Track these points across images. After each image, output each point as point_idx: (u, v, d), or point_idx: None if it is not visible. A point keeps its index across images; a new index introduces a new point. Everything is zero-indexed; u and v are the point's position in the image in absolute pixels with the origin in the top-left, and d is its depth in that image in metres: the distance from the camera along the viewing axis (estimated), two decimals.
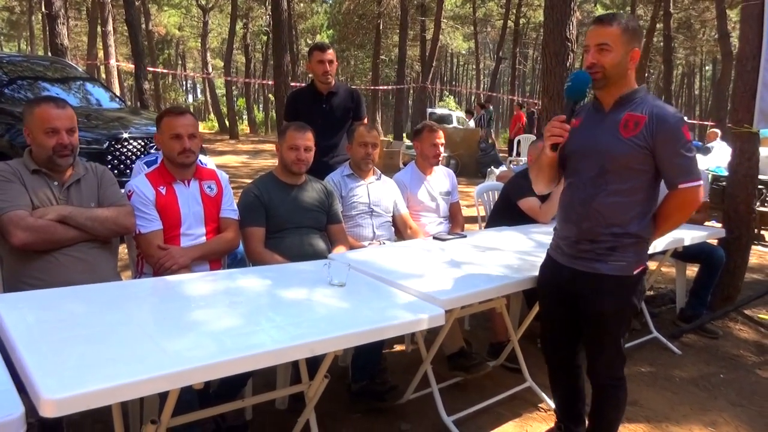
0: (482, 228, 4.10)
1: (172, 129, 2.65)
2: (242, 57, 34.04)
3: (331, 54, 3.98)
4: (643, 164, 2.08)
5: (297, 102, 4.11)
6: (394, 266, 2.57)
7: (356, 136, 3.49)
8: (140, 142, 5.61)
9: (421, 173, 3.81)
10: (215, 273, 2.55)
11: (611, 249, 2.17)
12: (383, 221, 3.50)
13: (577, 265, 2.25)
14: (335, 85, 4.06)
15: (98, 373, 1.42)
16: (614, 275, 2.17)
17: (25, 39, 36.16)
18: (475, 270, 2.59)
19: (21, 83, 6.58)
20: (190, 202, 2.71)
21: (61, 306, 1.88)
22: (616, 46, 2.08)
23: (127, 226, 2.51)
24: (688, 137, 2.06)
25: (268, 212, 2.95)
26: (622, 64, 2.10)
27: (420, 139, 3.80)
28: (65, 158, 2.42)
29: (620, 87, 2.14)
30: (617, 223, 2.14)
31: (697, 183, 2.06)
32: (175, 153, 2.65)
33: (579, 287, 2.26)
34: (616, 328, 2.25)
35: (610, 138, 2.12)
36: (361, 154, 3.46)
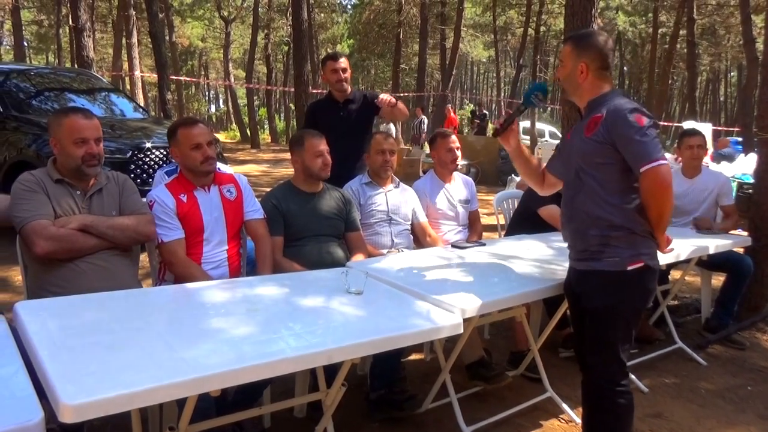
0: (502, 236, 4.08)
1: (191, 139, 2.68)
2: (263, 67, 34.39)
3: (343, 62, 4.01)
4: (607, 158, 2.18)
5: (315, 113, 4.13)
6: (413, 274, 2.57)
7: (373, 143, 3.50)
8: (162, 151, 5.69)
9: (440, 181, 3.80)
10: (234, 281, 2.57)
11: (603, 245, 2.23)
12: (402, 229, 3.50)
13: (578, 266, 2.34)
14: (352, 93, 4.07)
15: (117, 379, 1.43)
16: (607, 270, 2.22)
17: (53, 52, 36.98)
18: (495, 278, 2.58)
19: (48, 95, 6.73)
20: (211, 207, 2.74)
21: (82, 313, 1.91)
22: (566, 61, 2.32)
23: (147, 234, 2.54)
24: (641, 123, 2.12)
25: (287, 221, 2.97)
26: (572, 76, 2.31)
27: (435, 147, 3.79)
28: (93, 167, 2.46)
29: (583, 94, 2.32)
30: (599, 217, 2.22)
31: (657, 163, 2.08)
32: (198, 163, 2.68)
33: (580, 287, 2.33)
34: (613, 329, 2.22)
35: (578, 141, 2.29)
36: (379, 161, 3.47)
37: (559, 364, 3.52)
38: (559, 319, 3.06)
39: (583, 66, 2.28)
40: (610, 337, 2.23)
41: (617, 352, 2.24)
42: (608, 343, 2.24)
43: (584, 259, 2.30)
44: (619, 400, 2.25)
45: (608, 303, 2.22)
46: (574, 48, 2.30)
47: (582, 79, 2.29)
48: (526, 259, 2.97)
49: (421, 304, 2.16)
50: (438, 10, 24.87)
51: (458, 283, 2.45)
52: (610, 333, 2.23)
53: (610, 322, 2.23)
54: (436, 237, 3.60)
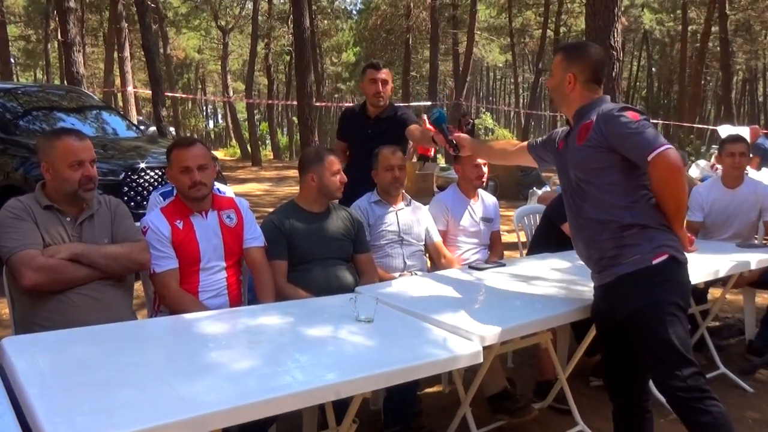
0: (523, 255, 4.06)
1: (181, 162, 2.71)
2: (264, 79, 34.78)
3: (385, 73, 3.94)
4: (603, 162, 2.25)
5: (346, 121, 4.19)
6: (427, 299, 2.56)
7: (380, 159, 3.50)
8: (157, 172, 5.74)
9: (464, 197, 3.81)
10: (234, 310, 2.58)
11: (619, 247, 2.26)
12: (414, 250, 3.50)
13: (603, 280, 2.35)
14: (386, 110, 3.97)
15: (111, 419, 1.44)
16: (632, 271, 2.24)
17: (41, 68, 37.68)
18: (516, 301, 2.57)
19: (36, 114, 6.84)
20: (208, 235, 2.76)
21: (73, 348, 1.93)
22: (555, 72, 2.44)
23: (141, 262, 2.56)
24: (634, 117, 2.19)
25: (291, 244, 2.98)
26: (560, 86, 2.42)
27: (460, 162, 3.79)
28: (90, 191, 2.51)
29: (570, 105, 2.41)
30: (608, 220, 2.27)
31: (662, 148, 2.12)
32: (186, 187, 2.70)
33: (610, 300, 2.33)
34: (659, 325, 2.18)
35: (572, 151, 2.38)
36: (387, 179, 3.48)
37: (590, 393, 3.48)
38: (588, 344, 3.02)
39: (571, 77, 2.37)
40: (659, 332, 2.16)
41: (680, 351, 2.15)
42: (661, 340, 2.16)
43: (604, 268, 2.32)
44: (712, 408, 2.11)
45: (645, 303, 2.20)
46: (564, 58, 2.42)
47: (569, 89, 2.39)
48: (550, 279, 2.95)
49: (437, 332, 2.15)
50: (449, 13, 25.09)
51: (477, 308, 2.44)
52: (657, 329, 2.17)
53: (654, 319, 2.18)
54: (452, 258, 3.60)
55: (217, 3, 28.03)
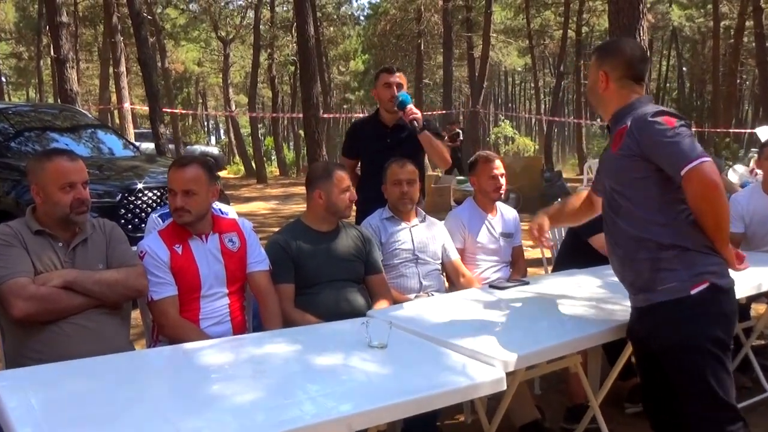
0: (548, 272, 4.03)
1: (169, 183, 2.75)
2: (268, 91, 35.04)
3: (399, 77, 3.94)
4: (637, 172, 2.20)
5: (358, 135, 4.13)
6: (445, 322, 2.55)
7: (388, 174, 3.51)
8: (156, 192, 5.79)
9: (481, 211, 3.80)
10: (238, 338, 2.58)
11: (655, 270, 2.20)
12: (431, 269, 3.49)
13: (637, 303, 2.31)
14: (401, 119, 3.94)
15: None
16: (667, 301, 2.18)
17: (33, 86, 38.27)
18: (542, 322, 2.55)
19: (28, 135, 6.94)
20: (209, 260, 2.77)
21: (67, 382, 1.93)
22: (591, 72, 2.45)
23: (138, 288, 2.57)
24: (670, 124, 2.14)
25: (298, 265, 2.98)
26: (594, 87, 2.42)
27: (476, 173, 3.78)
28: (83, 215, 2.53)
29: (606, 107, 2.39)
30: (645, 238, 2.22)
31: (699, 161, 2.06)
32: (171, 210, 2.74)
33: (642, 327, 2.30)
34: (695, 366, 2.15)
35: (607, 159, 2.37)
36: (395, 194, 3.48)
37: (626, 421, 3.43)
38: (622, 367, 2.99)
39: (603, 75, 2.36)
40: (700, 377, 2.14)
41: (716, 393, 2.13)
42: (701, 386, 2.14)
43: (639, 291, 2.29)
44: None
45: (681, 339, 2.16)
46: (597, 57, 2.42)
47: (602, 89, 2.37)
48: (578, 298, 2.93)
49: (456, 358, 2.14)
50: (463, 15, 25.21)
51: (499, 331, 2.42)
52: (696, 373, 2.15)
53: (691, 360, 2.15)
54: (471, 277, 3.58)
55: (217, 13, 28.38)
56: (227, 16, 29.60)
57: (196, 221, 2.75)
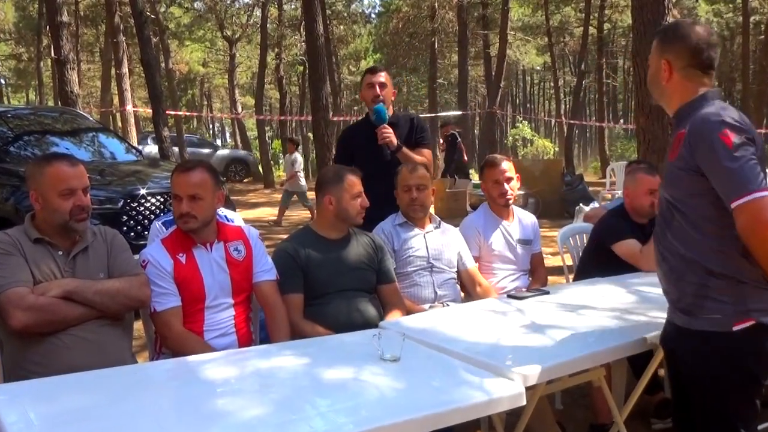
0: (570, 281, 4.01)
1: (173, 188, 2.75)
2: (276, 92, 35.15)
3: (382, 76, 3.99)
4: (693, 187, 2.06)
5: (350, 140, 4.16)
6: (461, 334, 2.54)
7: (399, 179, 3.52)
8: (159, 198, 5.83)
9: (496, 217, 3.79)
10: (245, 351, 2.59)
11: (701, 297, 2.10)
12: (446, 278, 3.48)
13: (674, 318, 2.23)
14: (394, 115, 4.05)
15: None
16: (708, 331, 2.08)
17: (33, 88, 38.66)
18: (563, 334, 2.53)
19: (28, 139, 7.01)
20: (214, 269, 2.77)
21: (67, 396, 1.94)
22: (651, 60, 2.28)
23: (141, 298, 2.58)
24: (729, 142, 1.96)
25: (307, 275, 2.98)
26: (655, 77, 2.26)
27: (483, 178, 3.79)
28: (83, 222, 2.54)
29: (669, 100, 2.25)
30: (694, 260, 2.10)
31: (755, 195, 1.91)
32: (176, 216, 2.74)
33: (677, 346, 2.23)
34: (725, 403, 2.11)
35: (666, 163, 2.21)
36: (405, 200, 3.48)
37: None
38: (648, 381, 2.97)
39: (666, 64, 2.20)
40: (723, 411, 2.12)
41: (737, 428, 2.12)
42: (723, 419, 2.12)
43: (679, 310, 2.19)
44: None
45: (712, 372, 2.11)
46: (658, 43, 2.26)
47: (665, 79, 2.21)
48: (601, 308, 2.91)
49: (473, 371, 2.13)
50: (479, 12, 25.24)
51: (518, 343, 2.42)
52: (720, 407, 2.12)
53: (719, 394, 2.12)
54: (489, 286, 3.57)
55: (223, 11, 28.55)
56: (233, 14, 29.75)
57: (202, 228, 2.75)
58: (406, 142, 3.93)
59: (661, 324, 2.49)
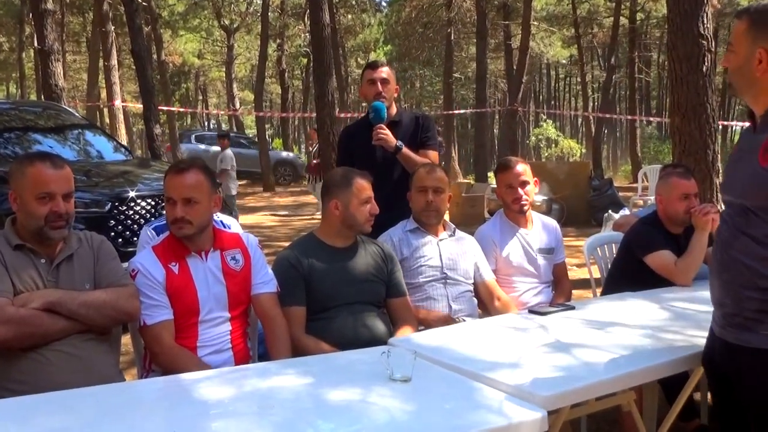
0: (597, 295, 4.01)
1: (167, 190, 2.75)
2: (277, 87, 35.32)
3: (384, 71, 4.02)
4: None
5: (350, 140, 4.19)
6: (478, 352, 2.54)
7: (414, 179, 3.53)
8: (150, 201, 5.86)
9: (512, 224, 3.78)
10: (242, 369, 2.59)
11: (763, 312, 2.08)
12: (462, 291, 3.48)
13: (726, 336, 2.20)
14: (397, 113, 4.09)
15: None
16: (766, 349, 2.07)
17: (15, 81, 38.94)
18: (589, 353, 2.52)
19: (8, 136, 7.06)
20: (209, 280, 2.78)
21: (49, 417, 1.94)
22: (738, 46, 2.13)
23: (129, 311, 2.59)
24: None
25: (310, 286, 2.99)
26: (746, 67, 2.13)
27: (497, 183, 3.80)
28: (59, 230, 2.53)
29: (759, 94, 2.14)
30: (763, 275, 2.06)
31: None
32: (169, 222, 2.75)
33: (729, 365, 2.20)
34: None
35: (748, 166, 2.12)
36: (420, 203, 3.48)
37: None
38: (683, 406, 2.96)
39: (763, 54, 2.09)
40: None
41: None
42: None
43: (734, 326, 2.17)
44: None
45: None
46: (751, 26, 2.11)
47: (761, 71, 2.10)
48: (631, 325, 2.90)
49: (490, 393, 2.13)
50: (499, 1, 25.25)
51: (540, 363, 2.41)
52: None
53: None
54: (508, 300, 3.57)
55: None
56: (231, 1, 29.92)
57: (197, 234, 2.76)
58: (410, 143, 3.94)
59: (698, 343, 2.49)
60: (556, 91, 60.15)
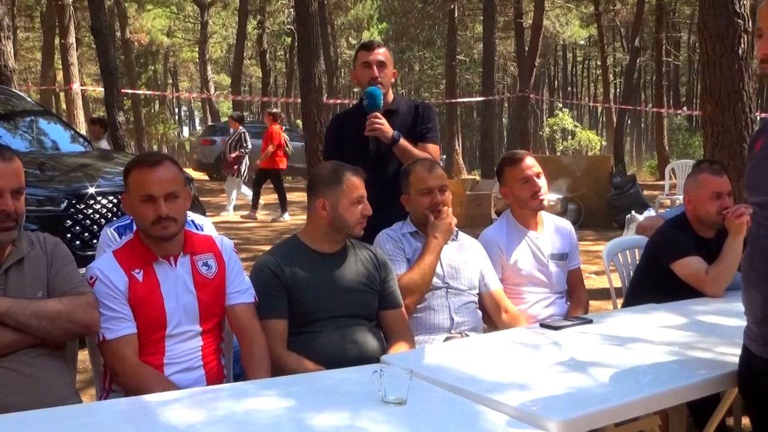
0: (618, 307, 4.02)
1: (142, 188, 2.71)
2: (257, 69, 35.31)
3: (380, 54, 4.02)
4: None
5: (340, 130, 4.19)
6: (481, 371, 2.54)
7: (412, 180, 3.49)
8: (112, 199, 5.84)
9: (520, 227, 3.78)
10: (214, 389, 2.59)
11: None
12: (465, 302, 3.48)
13: (764, 352, 2.22)
14: (394, 101, 4.10)
15: None
16: None
17: None
18: (608, 373, 2.53)
19: None
20: (178, 289, 2.77)
21: None
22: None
23: (86, 323, 2.57)
24: None
25: (293, 297, 2.99)
26: None
27: (504, 181, 3.76)
28: (7, 231, 2.52)
29: None
30: None
31: None
32: (148, 222, 2.71)
33: None
34: None
35: None
36: (424, 205, 3.47)
37: None
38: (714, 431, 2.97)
39: None
40: None
41: None
42: None
43: None
44: None
45: None
46: None
47: None
48: (656, 342, 2.91)
49: (495, 418, 2.13)
50: None
51: (551, 383, 2.42)
52: None
53: None
54: (517, 313, 3.58)
55: None
56: None
57: (178, 233, 2.77)
58: (408, 134, 3.95)
59: (731, 362, 2.50)
60: (573, 76, 60.31)
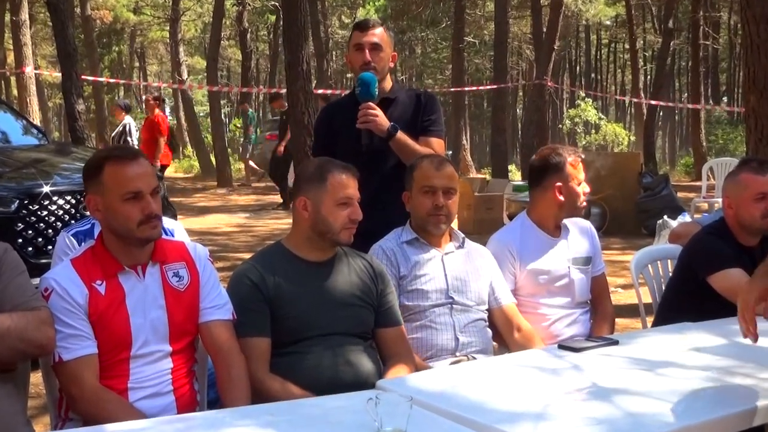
0: (648, 325, 4.03)
1: (125, 185, 2.71)
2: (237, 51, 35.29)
3: (376, 35, 4.02)
4: None
5: (331, 122, 4.21)
6: (491, 399, 2.55)
7: (416, 176, 3.51)
8: (69, 199, 5.84)
9: (540, 232, 3.79)
10: (186, 417, 2.59)
11: None
12: (472, 319, 3.49)
13: None
14: (392, 89, 4.11)
15: None
16: None
17: None
18: (635, 402, 2.54)
19: None
20: (146, 303, 2.78)
21: None
22: None
23: (40, 342, 2.56)
24: None
25: (276, 312, 2.99)
26: None
27: (546, 183, 3.73)
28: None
29: None
30: None
31: None
32: (133, 224, 2.71)
33: None
34: None
35: None
36: (426, 207, 3.47)
37: None
38: None
39: None
40: None
41: None
42: None
43: None
44: None
45: None
46: None
47: None
48: (691, 366, 2.92)
49: None
50: None
51: (571, 413, 2.43)
52: None
53: None
54: (532, 331, 3.58)
55: None
56: None
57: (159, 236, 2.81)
58: (408, 127, 3.95)
59: None
60: (597, 61, 60.31)
